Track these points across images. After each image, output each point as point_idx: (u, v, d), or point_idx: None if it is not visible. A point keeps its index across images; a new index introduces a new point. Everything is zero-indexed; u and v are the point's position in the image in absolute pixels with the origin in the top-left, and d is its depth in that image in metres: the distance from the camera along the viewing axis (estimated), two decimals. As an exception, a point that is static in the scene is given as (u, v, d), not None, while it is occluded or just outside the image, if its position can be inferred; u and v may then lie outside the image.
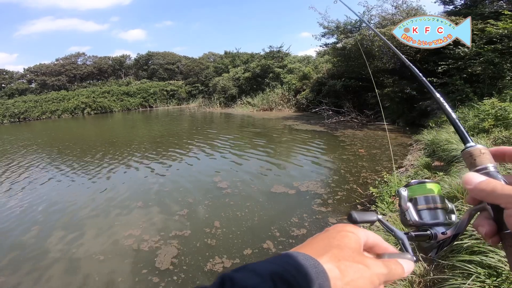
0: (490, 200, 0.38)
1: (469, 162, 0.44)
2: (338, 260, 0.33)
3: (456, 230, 0.42)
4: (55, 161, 8.99)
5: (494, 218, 0.38)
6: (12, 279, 3.27)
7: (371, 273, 0.34)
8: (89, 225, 4.49)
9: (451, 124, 0.54)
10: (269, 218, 4.26)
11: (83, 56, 42.30)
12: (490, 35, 7.82)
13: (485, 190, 0.38)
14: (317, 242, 0.37)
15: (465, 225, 0.42)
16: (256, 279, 0.28)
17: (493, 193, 0.37)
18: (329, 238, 0.37)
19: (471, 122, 5.98)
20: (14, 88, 36.34)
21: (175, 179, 6.48)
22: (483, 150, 0.44)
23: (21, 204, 5.54)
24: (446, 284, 1.76)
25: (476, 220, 0.40)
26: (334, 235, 0.37)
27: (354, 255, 0.34)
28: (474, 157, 0.43)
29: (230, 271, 0.30)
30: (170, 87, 34.67)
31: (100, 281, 3.14)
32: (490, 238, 0.38)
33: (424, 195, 0.44)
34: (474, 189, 0.39)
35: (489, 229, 0.38)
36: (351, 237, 0.37)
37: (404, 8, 12.19)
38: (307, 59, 26.27)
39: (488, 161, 0.42)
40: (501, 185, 0.37)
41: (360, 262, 0.34)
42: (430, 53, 10.00)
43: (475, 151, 0.44)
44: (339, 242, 0.36)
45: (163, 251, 3.57)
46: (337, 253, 0.34)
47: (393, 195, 4.07)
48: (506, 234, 0.37)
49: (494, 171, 0.41)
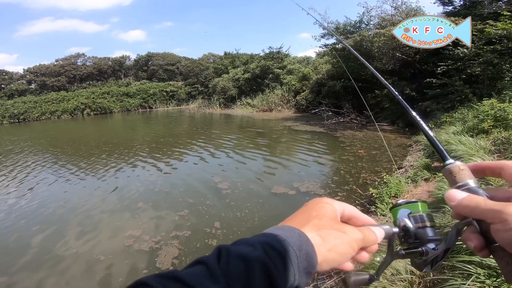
0: (475, 216, 0.39)
1: (450, 179, 0.45)
2: (319, 229, 0.37)
3: (447, 245, 0.43)
4: (55, 163, 8.98)
5: (481, 232, 0.39)
6: (9, 278, 3.26)
7: (349, 238, 0.38)
8: (89, 225, 4.48)
9: (429, 142, 0.55)
10: (269, 219, 4.26)
11: (82, 56, 42.31)
12: (489, 36, 7.83)
13: (469, 206, 0.39)
14: (299, 215, 0.41)
15: (454, 240, 0.43)
16: (249, 248, 0.33)
17: (477, 209, 0.38)
18: (308, 210, 0.41)
19: (470, 123, 5.99)
20: (14, 89, 36.31)
21: (175, 179, 6.48)
22: (462, 167, 0.45)
23: (20, 205, 5.54)
24: (446, 285, 1.76)
25: (464, 234, 0.41)
26: (313, 207, 0.41)
27: (332, 223, 0.39)
28: (454, 174, 0.44)
29: (226, 244, 0.34)
30: (169, 88, 34.68)
31: (100, 281, 3.14)
32: (479, 252, 0.39)
33: (413, 215, 0.45)
34: (458, 205, 0.40)
35: (478, 243, 0.39)
36: (328, 208, 0.41)
37: (404, 9, 12.22)
38: (307, 60, 26.30)
39: (468, 177, 0.44)
40: (483, 201, 0.38)
41: (338, 229, 0.38)
42: (429, 54, 10.04)
43: (454, 168, 0.45)
44: (317, 212, 0.40)
45: (163, 251, 3.57)
46: (317, 223, 0.38)
47: (393, 196, 4.08)
48: (496, 247, 0.37)
49: (475, 187, 0.42)
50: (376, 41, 10.70)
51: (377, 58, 11.56)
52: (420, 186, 4.30)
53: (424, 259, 0.43)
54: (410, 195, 4.04)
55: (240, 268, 0.31)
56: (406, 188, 4.26)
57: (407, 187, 4.34)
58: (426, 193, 3.98)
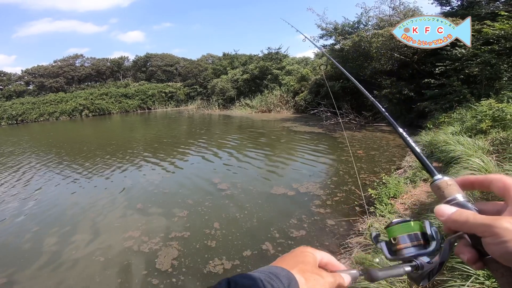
0: (465, 230, 0.40)
1: (438, 194, 0.46)
2: (303, 272, 0.46)
3: (441, 259, 0.43)
4: (56, 164, 8.95)
5: (473, 245, 0.39)
6: (10, 278, 3.24)
7: (324, 281, 0.46)
8: (88, 226, 4.47)
9: (416, 157, 0.56)
10: (268, 220, 4.26)
11: (81, 57, 42.20)
12: (487, 36, 7.86)
13: (458, 221, 0.40)
14: (287, 259, 0.49)
15: (448, 253, 0.43)
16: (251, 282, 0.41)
17: (466, 223, 0.39)
18: (295, 256, 0.50)
19: (468, 123, 6.00)
20: (12, 90, 36.18)
21: (174, 181, 6.47)
22: (450, 182, 0.45)
23: (20, 208, 5.51)
24: (445, 286, 1.75)
25: (457, 248, 0.41)
26: (299, 254, 0.50)
27: (313, 268, 0.47)
28: (442, 189, 0.45)
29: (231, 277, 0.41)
30: (168, 89, 34.65)
31: (100, 282, 3.13)
32: (473, 264, 0.40)
33: (407, 234, 0.46)
34: (447, 220, 0.41)
35: (470, 256, 0.39)
36: (311, 256, 0.50)
37: (402, 10, 12.26)
38: (305, 60, 26.34)
39: (456, 191, 0.44)
40: (473, 215, 0.39)
41: (317, 273, 0.46)
42: (427, 54, 10.07)
43: (442, 183, 0.46)
44: (303, 259, 0.49)
45: (163, 252, 3.57)
46: (302, 267, 0.47)
47: (392, 196, 4.08)
48: (489, 259, 0.37)
49: (463, 201, 0.43)
50: (374, 42, 10.72)
51: (376, 58, 11.59)
52: (419, 186, 4.31)
53: (420, 273, 0.44)
54: (409, 196, 4.05)
55: None
56: (405, 189, 4.26)
57: (406, 187, 4.34)
58: (425, 193, 3.99)
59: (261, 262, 3.24)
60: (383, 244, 0.48)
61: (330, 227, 3.90)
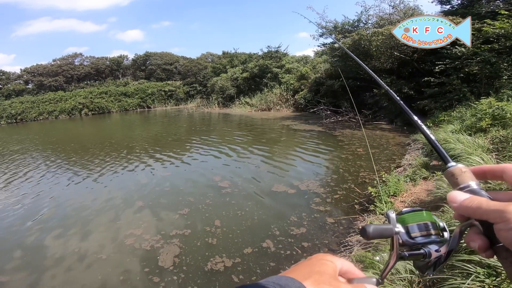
0: (477, 216, 0.39)
1: (452, 181, 0.46)
2: (318, 284, 0.39)
3: (449, 247, 0.43)
4: (54, 162, 8.95)
5: (484, 233, 0.39)
6: (12, 277, 3.25)
7: None
8: (90, 224, 4.49)
9: (431, 145, 0.55)
10: (269, 217, 4.27)
11: (80, 56, 42.14)
12: (487, 35, 7.86)
13: (471, 207, 0.39)
14: (301, 269, 0.43)
15: (457, 241, 0.43)
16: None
17: (479, 209, 0.38)
18: (311, 265, 0.43)
19: (468, 122, 6.01)
20: (11, 89, 36.13)
21: (176, 178, 6.49)
22: (464, 169, 0.45)
23: (22, 202, 5.52)
24: (445, 284, 1.76)
25: (467, 236, 0.41)
26: (315, 263, 0.44)
27: (330, 280, 0.41)
28: (456, 176, 0.45)
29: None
30: (168, 87, 34.60)
31: (102, 279, 3.15)
32: (483, 252, 0.39)
33: (417, 223, 0.45)
34: (459, 207, 0.41)
35: (481, 243, 0.39)
36: (329, 265, 0.43)
37: (402, 8, 12.24)
38: (305, 59, 26.27)
39: (470, 179, 0.44)
40: (486, 201, 0.38)
41: (335, 286, 0.40)
42: (427, 52, 10.05)
43: (456, 170, 0.45)
44: (319, 269, 0.42)
45: (165, 250, 3.58)
46: (318, 278, 0.40)
47: (392, 195, 4.09)
48: (499, 247, 0.37)
49: (477, 188, 0.42)
50: (374, 40, 10.71)
51: (375, 57, 11.57)
52: (419, 185, 4.31)
53: (426, 261, 0.43)
54: (409, 194, 4.05)
55: None
56: (405, 187, 4.27)
57: (406, 186, 4.35)
58: (425, 192, 4.00)
59: (262, 259, 3.25)
60: (401, 227, 0.46)
61: (330, 225, 3.91)
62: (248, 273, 3.05)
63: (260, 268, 3.10)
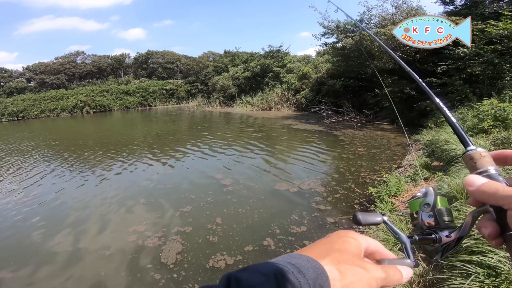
0: (493, 202, 0.38)
1: (470, 165, 0.44)
2: (338, 263, 0.34)
3: (460, 233, 0.42)
4: (56, 160, 8.98)
5: (497, 220, 0.38)
6: (14, 273, 3.27)
7: (369, 276, 0.35)
8: (93, 221, 4.53)
9: (451, 127, 0.55)
10: (270, 215, 4.29)
11: (82, 54, 42.24)
12: (490, 36, 7.82)
13: (487, 192, 0.38)
14: (319, 246, 0.38)
15: (469, 227, 0.42)
16: (261, 278, 0.30)
17: (495, 194, 0.37)
18: (331, 242, 0.38)
19: (470, 123, 5.99)
20: (13, 87, 36.26)
21: (177, 176, 6.52)
22: (484, 153, 0.44)
23: (25, 201, 5.55)
24: (445, 284, 1.76)
25: (480, 222, 0.40)
26: (336, 240, 0.39)
27: (354, 258, 0.36)
28: (474, 160, 0.44)
29: (235, 271, 0.31)
30: (169, 86, 34.64)
31: (106, 275, 3.18)
32: (493, 240, 0.38)
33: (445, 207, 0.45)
34: (476, 191, 0.40)
35: (492, 230, 0.38)
36: (352, 242, 0.38)
37: (405, 8, 12.19)
38: (307, 58, 26.22)
39: (489, 164, 0.43)
40: (502, 187, 0.37)
41: (359, 265, 0.35)
42: (429, 53, 10.02)
43: (475, 154, 0.44)
44: (340, 246, 0.37)
45: (167, 246, 3.61)
46: (338, 256, 0.35)
47: (392, 195, 4.08)
48: (510, 235, 0.37)
49: (495, 174, 0.41)
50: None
51: (377, 57, 11.56)
52: (419, 185, 4.31)
53: (436, 246, 0.43)
54: (409, 195, 4.05)
55: None
56: (405, 187, 4.27)
57: (407, 186, 4.34)
58: (426, 192, 3.98)
59: (263, 257, 3.26)
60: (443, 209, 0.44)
61: (330, 225, 3.92)
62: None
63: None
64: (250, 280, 0.30)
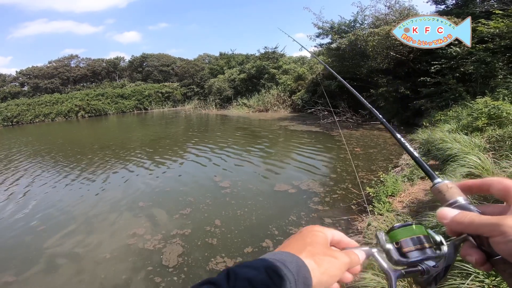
0: (471, 232, 0.39)
1: (440, 197, 0.45)
2: (313, 255, 0.42)
3: (446, 262, 0.42)
4: (53, 164, 8.87)
5: (479, 246, 0.39)
6: (18, 277, 3.21)
7: (339, 262, 0.42)
8: (93, 225, 4.51)
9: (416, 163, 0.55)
10: (268, 217, 4.30)
11: (76, 58, 41.87)
12: (482, 35, 7.92)
13: (463, 222, 0.39)
14: (294, 242, 0.45)
15: (454, 256, 0.42)
16: (254, 272, 0.36)
17: (472, 224, 0.38)
18: (303, 238, 0.45)
19: (464, 121, 6.04)
20: (7, 91, 35.81)
21: (175, 179, 6.51)
22: (450, 185, 0.45)
23: (26, 206, 5.47)
24: (445, 284, 1.76)
25: (462, 250, 0.41)
26: (306, 234, 0.46)
27: (324, 249, 0.43)
28: (443, 192, 0.45)
29: (232, 266, 0.37)
30: (165, 89, 34.46)
31: (106, 277, 3.16)
32: (481, 266, 0.39)
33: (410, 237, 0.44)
34: (451, 223, 0.41)
35: (478, 257, 0.39)
36: (320, 235, 0.45)
37: (397, 8, 12.32)
38: (302, 59, 26.32)
39: (457, 194, 0.44)
40: (477, 216, 0.38)
41: (329, 255, 0.43)
42: (423, 53, 10.11)
43: (442, 186, 0.46)
44: (311, 240, 0.44)
45: (167, 249, 3.61)
46: (311, 250, 0.42)
47: (390, 195, 4.09)
48: (497, 260, 0.37)
49: (465, 203, 0.42)
50: (370, 40, 10.74)
51: (372, 57, 11.62)
52: (416, 184, 4.33)
53: (426, 277, 0.43)
54: (406, 194, 4.07)
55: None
56: (402, 187, 4.28)
57: (404, 185, 4.36)
58: (423, 191, 4.01)
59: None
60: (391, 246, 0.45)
61: (328, 226, 3.90)
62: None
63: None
64: (245, 273, 0.36)
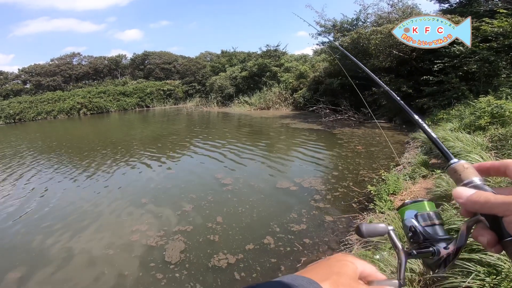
0: (486, 211, 0.39)
1: (455, 177, 0.45)
2: (337, 286, 0.38)
3: (458, 244, 0.43)
4: (57, 161, 8.92)
5: (492, 228, 0.39)
6: (21, 273, 3.25)
7: None
8: (96, 221, 4.54)
9: (432, 143, 0.56)
10: (269, 214, 4.31)
11: (78, 56, 41.94)
12: (485, 34, 7.86)
13: (478, 202, 0.39)
14: (319, 269, 0.41)
15: (465, 238, 0.42)
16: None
17: (487, 203, 0.38)
18: (330, 266, 0.42)
19: (467, 120, 6.02)
20: (9, 89, 35.96)
21: (178, 176, 6.55)
22: (466, 165, 0.45)
23: (28, 203, 5.51)
24: (445, 283, 1.77)
25: (475, 231, 0.41)
26: (335, 264, 0.42)
27: (350, 282, 0.40)
28: (459, 172, 0.45)
29: (247, 286, 0.34)
30: (166, 86, 34.49)
31: (109, 274, 3.19)
32: (492, 247, 0.39)
33: (421, 213, 0.45)
34: (467, 202, 0.40)
35: (490, 238, 0.38)
36: (350, 266, 0.42)
37: (400, 7, 12.25)
38: (304, 57, 26.25)
39: (473, 175, 0.44)
40: (493, 196, 0.38)
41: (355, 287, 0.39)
42: (426, 51, 10.06)
43: (459, 166, 0.45)
44: (338, 270, 0.41)
45: (170, 245, 3.63)
46: (337, 279, 0.39)
47: (391, 193, 4.09)
48: (508, 241, 0.37)
49: (481, 184, 0.42)
50: (373, 39, 10.70)
51: (374, 55, 11.58)
52: (418, 183, 4.33)
53: (436, 259, 0.43)
54: (408, 193, 4.06)
55: None
56: (404, 185, 4.28)
57: (405, 184, 4.35)
58: (424, 190, 4.01)
59: (263, 256, 3.27)
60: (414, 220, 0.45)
61: (329, 223, 3.93)
62: (249, 270, 3.07)
63: (261, 265, 3.13)
64: None
